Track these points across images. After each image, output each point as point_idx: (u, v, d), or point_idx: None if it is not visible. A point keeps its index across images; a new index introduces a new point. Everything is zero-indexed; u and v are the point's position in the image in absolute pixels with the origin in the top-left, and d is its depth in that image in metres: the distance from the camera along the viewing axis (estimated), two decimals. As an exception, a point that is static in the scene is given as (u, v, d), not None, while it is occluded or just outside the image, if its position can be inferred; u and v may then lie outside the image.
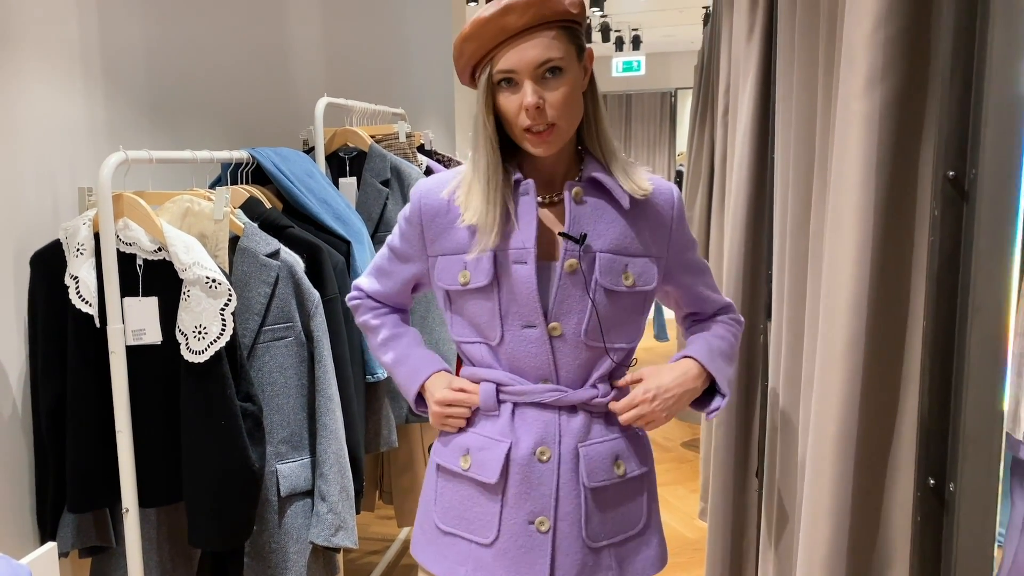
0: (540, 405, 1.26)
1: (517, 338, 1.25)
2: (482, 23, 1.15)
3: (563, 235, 1.22)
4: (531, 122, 1.16)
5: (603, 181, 1.24)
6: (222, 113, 2.44)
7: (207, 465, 1.63)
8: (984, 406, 0.69)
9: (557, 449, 1.25)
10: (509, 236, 1.23)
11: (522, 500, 1.25)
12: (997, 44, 0.64)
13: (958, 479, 0.70)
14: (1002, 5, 0.64)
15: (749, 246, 1.88)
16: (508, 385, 1.27)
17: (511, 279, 1.23)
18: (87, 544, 1.76)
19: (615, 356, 1.27)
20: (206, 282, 1.61)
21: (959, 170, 0.69)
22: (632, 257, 1.25)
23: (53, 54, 1.81)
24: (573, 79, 1.18)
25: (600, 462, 1.27)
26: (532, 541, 1.25)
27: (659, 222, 1.28)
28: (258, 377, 1.77)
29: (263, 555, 1.79)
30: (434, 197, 1.30)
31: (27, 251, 1.72)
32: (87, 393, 1.68)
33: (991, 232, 0.66)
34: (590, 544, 1.26)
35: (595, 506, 1.26)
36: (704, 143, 3.61)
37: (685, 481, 3.73)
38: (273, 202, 2.05)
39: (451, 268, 1.28)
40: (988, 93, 0.65)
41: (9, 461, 1.72)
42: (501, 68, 1.16)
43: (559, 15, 1.16)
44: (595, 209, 1.25)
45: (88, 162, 1.91)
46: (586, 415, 1.27)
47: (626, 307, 1.26)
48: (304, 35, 2.93)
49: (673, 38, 10.44)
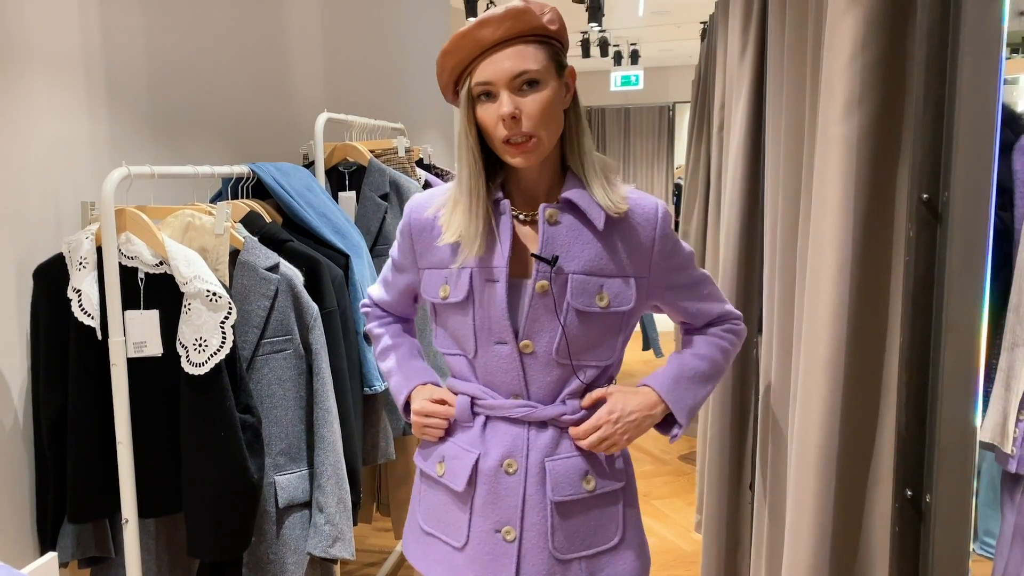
0: (510, 419, 1.29)
1: (490, 353, 1.28)
2: (460, 37, 1.18)
3: (535, 256, 1.24)
4: (508, 132, 1.18)
5: (577, 202, 1.25)
6: (223, 128, 2.48)
7: (206, 476, 1.65)
8: (958, 420, 0.71)
9: (524, 462, 1.28)
10: (488, 253, 1.26)
11: (489, 509, 1.29)
12: (967, 73, 0.67)
13: (934, 490, 0.72)
14: (971, 36, 0.67)
15: (742, 261, 1.91)
16: (481, 399, 1.31)
17: (485, 296, 1.26)
18: (87, 554, 1.78)
19: (585, 375, 1.29)
20: (207, 295, 1.63)
21: (933, 193, 0.72)
22: (607, 278, 1.26)
23: (57, 71, 1.84)
24: (551, 92, 1.19)
25: (567, 477, 1.29)
26: (498, 549, 1.28)
27: (638, 241, 1.27)
28: (257, 389, 1.80)
29: (261, 566, 1.81)
30: (421, 214, 1.34)
31: (30, 264, 1.75)
32: (88, 404, 1.70)
33: (963, 252, 0.69)
34: (558, 556, 1.28)
35: (561, 519, 1.28)
36: (701, 157, 3.64)
37: (682, 494, 3.74)
38: (273, 216, 2.08)
39: (434, 282, 1.33)
40: (959, 120, 0.67)
41: (10, 472, 1.73)
42: (479, 80, 1.19)
43: (535, 30, 1.18)
44: (570, 230, 1.26)
45: (91, 177, 1.94)
46: (555, 430, 1.29)
47: (600, 328, 1.27)
48: (304, 51, 2.97)
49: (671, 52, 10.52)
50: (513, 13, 1.16)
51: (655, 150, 10.90)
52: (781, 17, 1.29)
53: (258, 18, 2.66)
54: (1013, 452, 1.68)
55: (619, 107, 11.00)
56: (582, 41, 8.55)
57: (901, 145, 0.81)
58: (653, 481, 3.91)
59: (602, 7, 6.75)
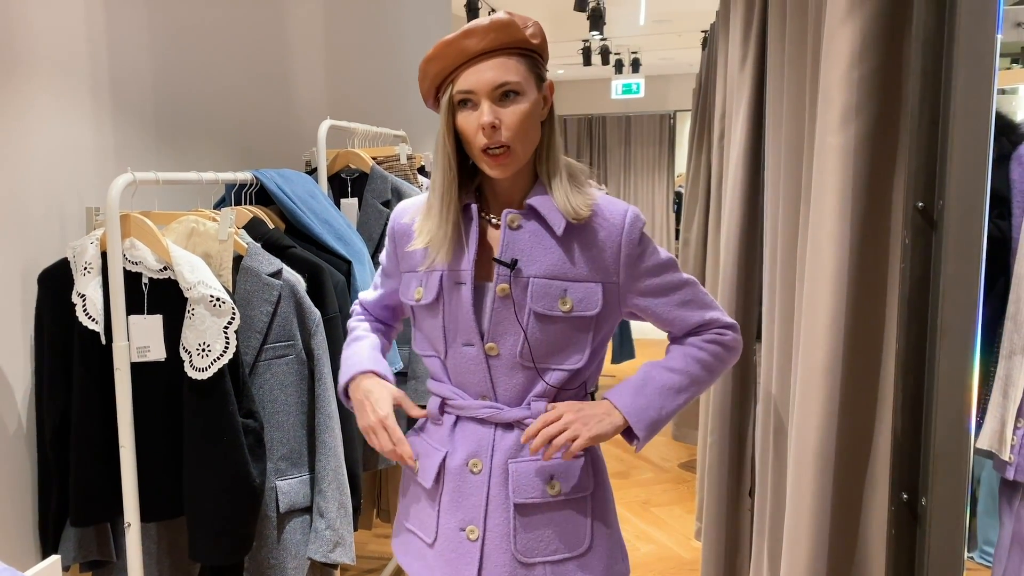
0: (477, 420, 1.32)
1: (458, 355, 1.31)
2: (445, 45, 1.21)
3: (496, 260, 1.27)
4: (487, 141, 1.21)
5: (539, 208, 1.27)
6: (226, 135, 2.49)
7: (209, 480, 1.66)
8: (953, 424, 0.72)
9: (489, 462, 1.30)
10: (456, 257, 1.30)
11: (454, 507, 1.32)
12: (962, 84, 0.68)
13: (930, 493, 0.73)
14: (965, 48, 0.68)
15: (742, 269, 1.92)
16: (451, 399, 1.34)
17: (453, 299, 1.30)
18: (88, 558, 1.79)
19: (551, 378, 1.29)
20: (210, 301, 1.64)
21: (928, 201, 0.73)
22: (571, 282, 1.27)
23: (63, 78, 1.86)
24: (530, 105, 1.22)
25: (529, 479, 1.30)
26: (463, 547, 1.31)
27: (604, 246, 1.28)
28: (259, 394, 1.81)
29: (262, 570, 1.82)
30: (401, 219, 1.40)
31: (34, 269, 1.76)
32: (92, 408, 1.71)
33: (957, 259, 0.70)
34: (521, 559, 1.29)
35: (524, 522, 1.29)
36: (702, 166, 3.66)
37: (682, 501, 3.74)
38: (276, 222, 2.09)
39: (411, 284, 1.37)
40: (954, 129, 0.69)
41: (13, 475, 1.74)
42: (460, 88, 1.22)
43: (518, 43, 1.22)
44: (532, 235, 1.28)
45: (95, 183, 1.96)
46: (521, 433, 1.30)
47: (564, 332, 1.28)
48: (307, 59, 2.99)
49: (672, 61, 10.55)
50: (498, 25, 1.20)
51: (656, 158, 10.91)
52: (781, 28, 1.31)
53: (262, 27, 2.68)
54: (1011, 459, 1.69)
55: (620, 115, 11.02)
56: (583, 49, 8.58)
57: (897, 154, 0.82)
58: (653, 489, 3.91)
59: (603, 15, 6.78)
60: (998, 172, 1.73)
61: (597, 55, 8.79)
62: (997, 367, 1.71)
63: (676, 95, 11.22)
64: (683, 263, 4.05)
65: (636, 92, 11.04)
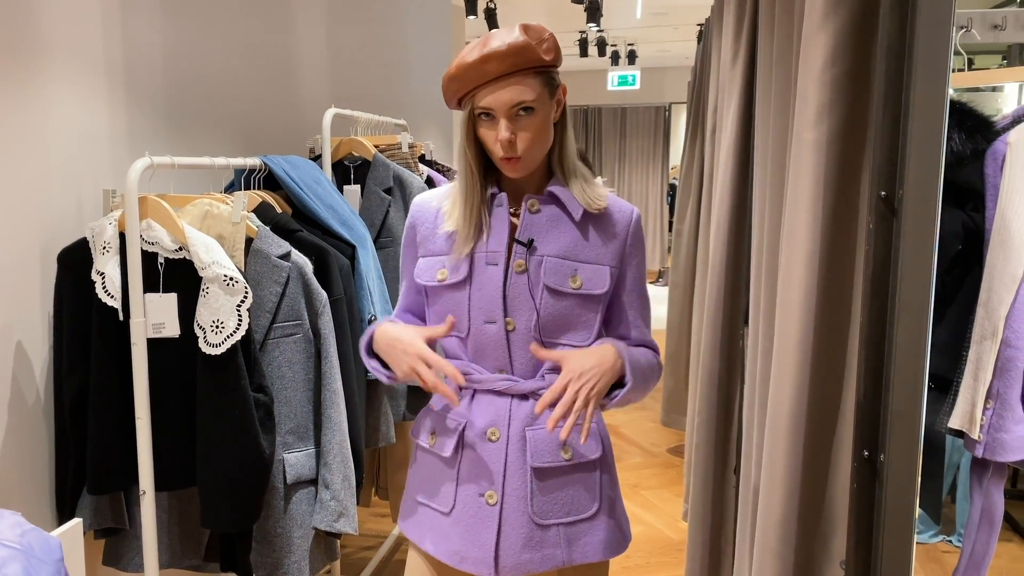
0: (495, 392, 1.41)
1: (480, 332, 1.41)
2: (466, 68, 1.33)
3: (515, 240, 1.39)
4: (504, 153, 1.34)
5: (559, 194, 1.41)
6: (235, 122, 2.56)
7: (221, 451, 1.75)
8: (908, 389, 0.81)
9: (506, 431, 1.40)
10: (484, 241, 1.41)
11: (473, 475, 1.41)
12: (919, 86, 0.77)
13: (887, 451, 0.82)
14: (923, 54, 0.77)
15: (730, 257, 2.01)
16: (470, 374, 1.43)
17: (482, 277, 1.40)
18: (103, 525, 1.87)
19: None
20: (224, 280, 1.72)
21: (890, 190, 0.82)
22: (582, 263, 1.40)
23: (79, 66, 1.93)
24: (543, 116, 1.36)
25: (546, 445, 1.40)
26: (482, 512, 1.39)
27: (614, 233, 1.42)
28: (268, 371, 1.89)
29: (268, 539, 1.90)
30: (426, 205, 1.50)
31: (52, 249, 1.83)
32: (109, 382, 1.79)
33: (914, 242, 0.79)
34: (537, 520, 1.39)
35: (540, 485, 1.40)
36: (695, 158, 3.72)
37: (671, 485, 3.84)
38: (283, 207, 2.17)
39: (431, 267, 1.45)
40: (913, 126, 0.77)
41: (31, 446, 1.82)
42: (480, 105, 1.34)
43: (534, 62, 1.33)
44: (550, 219, 1.41)
45: (110, 166, 2.03)
46: (536, 402, 1.38)
47: (574, 308, 1.40)
48: (312, 49, 3.06)
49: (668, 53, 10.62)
50: (516, 49, 1.31)
51: (651, 150, 10.98)
52: (770, 29, 1.39)
53: (269, 18, 2.74)
54: (980, 438, 1.79)
55: (616, 107, 11.09)
56: (580, 40, 8.65)
57: (865, 148, 0.91)
58: (643, 473, 4.01)
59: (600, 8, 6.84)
60: (973, 167, 1.82)
61: (594, 46, 8.85)
62: (969, 352, 1.81)
63: (672, 87, 11.30)
64: (675, 254, 4.13)
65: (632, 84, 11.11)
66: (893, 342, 0.81)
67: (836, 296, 0.95)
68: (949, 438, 2.04)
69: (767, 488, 1.04)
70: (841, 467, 0.97)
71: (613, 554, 1.46)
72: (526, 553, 1.38)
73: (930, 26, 0.76)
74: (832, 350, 0.96)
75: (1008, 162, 1.77)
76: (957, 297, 1.87)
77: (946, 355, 1.86)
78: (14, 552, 1.15)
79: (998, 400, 1.76)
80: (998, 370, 1.77)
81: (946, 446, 2.84)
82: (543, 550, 1.39)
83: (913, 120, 0.78)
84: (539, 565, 1.39)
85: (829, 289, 0.94)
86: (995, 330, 1.77)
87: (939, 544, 3.13)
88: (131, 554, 1.92)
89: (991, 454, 1.78)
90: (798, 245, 0.96)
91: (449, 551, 1.42)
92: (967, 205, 1.84)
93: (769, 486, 1.03)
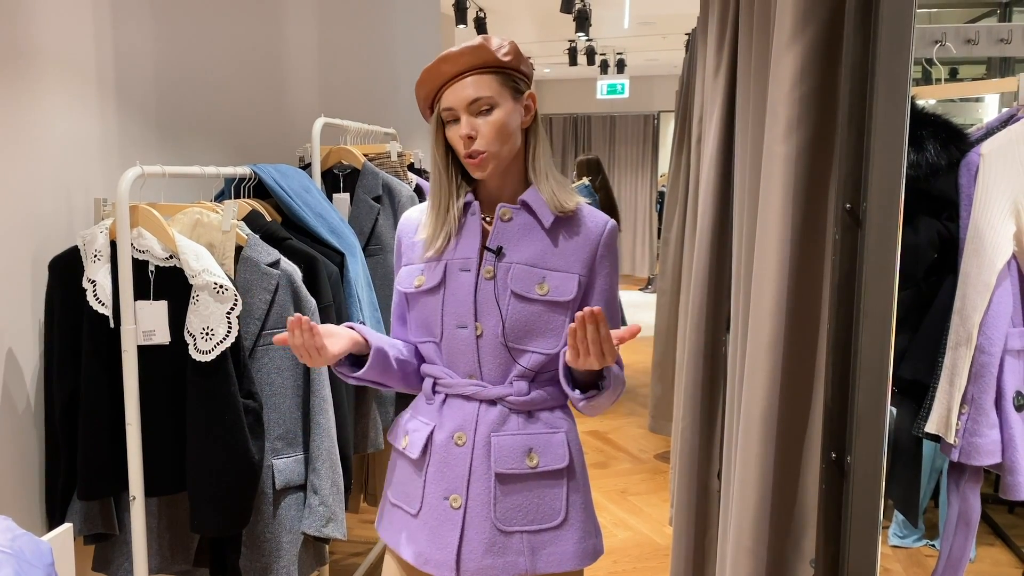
0: (464, 396, 1.44)
1: (453, 337, 1.44)
2: (427, 71, 1.40)
3: (485, 248, 1.43)
4: (465, 150, 1.38)
5: (531, 203, 1.44)
6: (224, 131, 2.59)
7: (211, 456, 1.77)
8: (873, 392, 0.84)
9: (472, 436, 1.42)
10: (456, 247, 1.45)
11: (439, 477, 1.43)
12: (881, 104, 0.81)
13: (853, 453, 0.86)
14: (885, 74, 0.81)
15: (713, 265, 2.04)
16: (442, 379, 1.46)
17: (455, 283, 1.44)
18: (93, 531, 1.89)
19: (528, 361, 1.42)
20: (214, 288, 1.75)
21: (855, 202, 0.86)
22: (550, 271, 1.42)
23: (71, 74, 1.96)
24: (503, 114, 1.38)
25: (511, 452, 1.42)
26: (446, 515, 1.42)
27: (584, 242, 1.44)
28: (257, 378, 1.91)
29: (258, 544, 1.92)
30: (411, 218, 1.55)
31: (43, 257, 1.85)
32: (99, 388, 1.81)
33: (878, 252, 0.83)
34: (500, 526, 1.40)
35: (504, 491, 1.41)
36: (682, 166, 3.76)
37: (658, 491, 3.87)
38: (273, 215, 2.19)
39: (410, 274, 1.49)
40: (875, 142, 0.81)
41: (21, 452, 1.84)
42: (444, 106, 1.39)
43: (490, 62, 1.38)
44: (522, 227, 1.44)
45: (101, 174, 2.05)
46: (504, 409, 1.43)
47: (541, 314, 1.42)
48: (302, 59, 3.09)
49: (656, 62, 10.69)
50: (469, 49, 1.37)
51: (640, 158, 11.05)
52: (748, 44, 1.43)
53: (259, 28, 2.77)
54: (956, 442, 1.83)
55: (605, 115, 11.16)
56: (569, 50, 8.70)
57: (832, 162, 0.95)
58: (631, 479, 4.04)
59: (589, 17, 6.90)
60: (947, 178, 1.87)
61: (583, 55, 8.91)
62: (944, 358, 1.85)
63: (660, 96, 11.37)
64: (663, 261, 4.18)
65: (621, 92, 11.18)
66: (858, 348, 0.84)
67: (805, 303, 0.98)
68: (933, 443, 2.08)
69: (741, 489, 1.07)
70: (812, 468, 1.00)
71: (580, 565, 1.45)
72: (488, 559, 1.40)
73: (891, 47, 0.80)
74: (802, 355, 0.99)
75: (981, 173, 1.82)
76: (933, 304, 1.91)
77: (922, 361, 1.90)
78: (5, 556, 1.17)
79: (973, 405, 1.80)
80: (972, 376, 1.81)
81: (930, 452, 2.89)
82: (505, 557, 1.40)
83: (876, 136, 0.82)
84: (501, 571, 1.40)
85: (798, 296, 0.98)
86: (969, 336, 1.81)
87: (922, 548, 3.18)
88: (120, 559, 1.93)
89: (966, 458, 1.82)
90: (769, 254, 1.00)
91: (414, 552, 1.44)
92: (942, 215, 1.88)
93: (743, 487, 1.06)
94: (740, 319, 1.52)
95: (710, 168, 2.00)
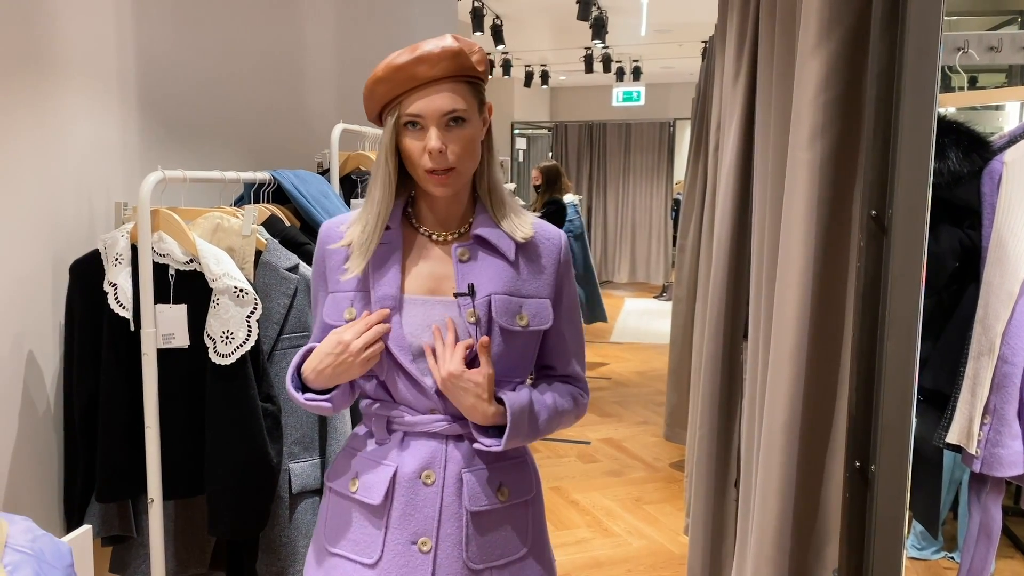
0: (428, 434, 1.32)
1: (403, 373, 1.30)
2: (395, 68, 1.24)
3: (456, 295, 1.29)
4: (433, 164, 1.24)
5: (487, 237, 1.32)
6: (244, 136, 2.61)
7: (230, 459, 1.77)
8: (898, 401, 0.84)
9: (442, 473, 1.30)
10: (389, 278, 1.31)
11: (406, 521, 1.30)
12: (908, 110, 0.81)
13: (878, 462, 0.85)
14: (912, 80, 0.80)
15: (731, 273, 2.04)
16: (398, 417, 1.33)
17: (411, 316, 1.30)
18: (111, 533, 1.90)
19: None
20: (234, 291, 1.76)
21: (880, 209, 0.85)
22: (525, 299, 1.32)
23: (93, 79, 1.98)
24: (473, 129, 1.27)
25: (483, 487, 1.32)
26: (413, 561, 1.29)
27: (546, 262, 1.35)
28: (276, 381, 1.92)
29: (274, 548, 1.93)
30: (334, 231, 1.37)
31: (64, 260, 1.87)
32: (119, 391, 1.82)
33: (903, 259, 0.82)
34: (471, 566, 1.31)
35: (476, 529, 1.31)
36: (699, 174, 3.75)
37: (672, 500, 3.85)
38: (291, 220, 2.20)
39: (339, 305, 1.33)
40: (902, 148, 0.81)
41: (41, 454, 1.85)
42: (410, 112, 1.24)
43: (466, 70, 1.25)
44: (483, 264, 1.32)
45: (122, 178, 2.07)
46: (472, 443, 1.32)
47: (520, 347, 1.32)
48: (321, 65, 3.11)
49: (672, 69, 10.70)
50: (449, 54, 1.23)
51: (655, 165, 11.03)
52: (769, 49, 1.42)
53: (279, 34, 2.79)
54: (978, 453, 1.80)
55: (620, 122, 11.16)
56: (585, 57, 8.72)
57: (857, 169, 0.95)
58: (645, 487, 4.02)
59: (606, 24, 6.92)
60: (969, 186, 1.85)
61: (599, 63, 8.92)
62: (966, 367, 1.83)
63: (676, 103, 11.37)
64: (679, 269, 4.17)
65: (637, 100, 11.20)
66: (883, 356, 0.84)
67: (829, 310, 0.98)
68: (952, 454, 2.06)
69: (763, 498, 1.06)
70: (834, 477, 0.99)
71: None
72: None
73: (918, 53, 0.80)
74: (826, 363, 0.99)
75: (1004, 181, 1.80)
76: (955, 313, 1.89)
77: (944, 370, 1.88)
78: (26, 557, 1.18)
79: (995, 415, 1.77)
80: (995, 386, 1.78)
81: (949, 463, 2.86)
82: None
83: (902, 142, 0.81)
84: None
85: (822, 304, 0.98)
86: (992, 346, 1.79)
87: (941, 560, 3.14)
88: (138, 562, 1.94)
89: (988, 469, 1.79)
90: (792, 261, 1.00)
91: None
92: (964, 223, 1.86)
93: (765, 496, 1.05)
94: (760, 326, 1.51)
95: (728, 175, 1.99)
